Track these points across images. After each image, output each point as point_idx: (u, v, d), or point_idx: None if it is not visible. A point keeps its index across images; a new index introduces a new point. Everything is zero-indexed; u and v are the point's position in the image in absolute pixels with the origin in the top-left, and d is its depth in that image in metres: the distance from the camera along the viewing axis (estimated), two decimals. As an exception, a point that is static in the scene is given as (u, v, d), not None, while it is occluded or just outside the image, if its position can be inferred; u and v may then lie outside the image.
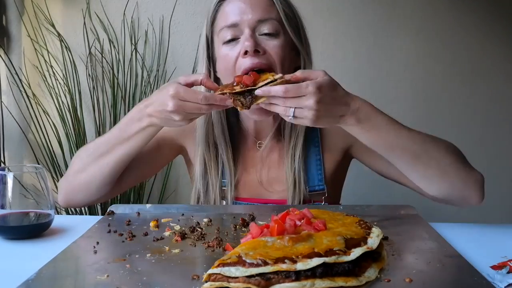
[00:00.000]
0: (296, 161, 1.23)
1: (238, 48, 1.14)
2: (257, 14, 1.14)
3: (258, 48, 1.12)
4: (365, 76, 2.43)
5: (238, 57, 1.13)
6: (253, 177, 1.27)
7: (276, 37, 1.15)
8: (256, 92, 0.98)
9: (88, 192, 1.18)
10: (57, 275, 0.79)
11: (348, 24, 2.40)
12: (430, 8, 2.41)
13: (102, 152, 1.14)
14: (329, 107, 0.97)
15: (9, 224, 1.01)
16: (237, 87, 1.00)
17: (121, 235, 0.99)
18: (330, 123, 1.01)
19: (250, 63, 1.11)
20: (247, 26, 1.13)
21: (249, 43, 1.11)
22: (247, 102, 1.00)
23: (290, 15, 1.19)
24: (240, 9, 1.14)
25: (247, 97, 1.00)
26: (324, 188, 1.26)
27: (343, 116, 1.00)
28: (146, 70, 2.35)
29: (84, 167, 1.16)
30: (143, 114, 1.07)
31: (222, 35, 1.16)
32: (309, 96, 0.94)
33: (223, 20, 1.17)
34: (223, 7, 1.18)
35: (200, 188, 1.25)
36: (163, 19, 2.35)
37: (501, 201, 2.52)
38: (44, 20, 2.32)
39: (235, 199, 1.25)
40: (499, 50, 2.44)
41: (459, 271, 0.82)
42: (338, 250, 0.76)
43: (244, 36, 1.13)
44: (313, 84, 0.95)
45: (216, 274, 0.73)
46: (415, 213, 1.15)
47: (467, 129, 2.40)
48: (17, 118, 2.34)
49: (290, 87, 0.95)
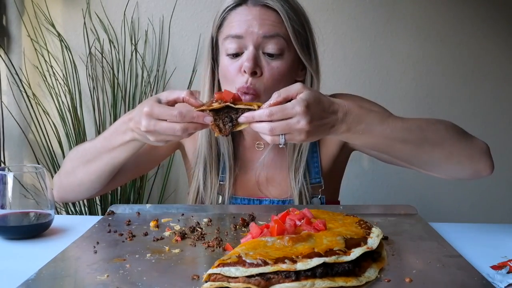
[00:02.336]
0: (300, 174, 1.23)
1: (239, 63, 1.13)
2: (263, 29, 1.12)
3: (256, 69, 1.12)
4: (365, 76, 2.43)
5: (238, 71, 1.13)
6: (251, 176, 1.27)
7: (279, 57, 1.13)
8: (239, 119, 0.92)
9: (79, 192, 1.22)
10: (57, 275, 0.79)
11: (348, 24, 2.40)
12: (430, 8, 2.41)
13: (88, 159, 1.15)
14: (320, 123, 0.92)
15: (9, 224, 1.01)
16: (216, 104, 0.93)
17: (121, 235, 0.99)
18: (321, 137, 0.97)
19: (244, 84, 1.11)
20: (251, 42, 1.12)
21: (248, 64, 1.11)
22: (226, 129, 0.93)
23: (300, 30, 1.16)
24: (247, 22, 1.12)
25: (227, 124, 0.93)
26: (321, 181, 1.26)
27: (333, 126, 0.95)
28: (146, 70, 2.35)
29: (73, 170, 1.18)
30: (127, 128, 1.04)
31: (227, 45, 1.15)
32: (299, 118, 0.88)
33: (229, 28, 1.15)
34: (231, 15, 1.16)
35: (200, 183, 1.26)
36: (163, 19, 2.35)
37: (501, 201, 2.52)
38: (44, 20, 2.32)
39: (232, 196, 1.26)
40: (499, 50, 2.44)
41: (459, 271, 0.82)
42: (338, 250, 0.76)
43: (246, 54, 1.12)
44: (300, 103, 0.89)
45: (216, 274, 0.73)
46: (415, 213, 1.15)
47: (467, 129, 2.39)
48: (17, 118, 2.34)
49: (275, 110, 0.89)
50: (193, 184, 1.28)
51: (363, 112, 0.97)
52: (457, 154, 1.08)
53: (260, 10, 1.13)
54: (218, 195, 1.25)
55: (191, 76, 2.36)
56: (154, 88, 2.34)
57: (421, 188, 2.40)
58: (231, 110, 0.93)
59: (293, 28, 1.14)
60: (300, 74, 1.22)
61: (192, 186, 1.28)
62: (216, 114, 0.93)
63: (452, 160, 1.08)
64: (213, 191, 1.25)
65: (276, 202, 1.25)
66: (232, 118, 0.93)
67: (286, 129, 0.89)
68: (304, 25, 1.18)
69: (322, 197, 1.25)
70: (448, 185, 2.43)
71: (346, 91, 1.36)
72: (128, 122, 1.03)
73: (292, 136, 0.91)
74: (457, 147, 1.08)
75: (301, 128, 0.89)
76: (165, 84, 2.37)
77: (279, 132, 0.89)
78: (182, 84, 2.37)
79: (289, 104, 0.89)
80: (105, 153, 1.11)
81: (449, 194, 2.46)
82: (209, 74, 1.22)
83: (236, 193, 1.27)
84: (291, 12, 1.14)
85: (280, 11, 1.13)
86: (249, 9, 1.13)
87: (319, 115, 0.91)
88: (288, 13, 1.14)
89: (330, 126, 0.94)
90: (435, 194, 2.44)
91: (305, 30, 1.18)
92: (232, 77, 1.14)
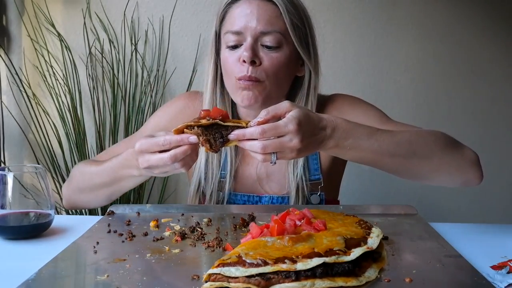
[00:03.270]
0: (298, 168, 1.24)
1: (238, 54, 1.16)
2: (261, 25, 1.14)
3: (255, 59, 1.14)
4: (365, 76, 2.43)
5: (237, 61, 1.16)
6: (251, 171, 1.29)
7: (277, 49, 1.16)
8: (229, 136, 0.91)
9: (88, 206, 1.31)
10: (57, 275, 0.79)
11: (348, 24, 2.40)
12: (430, 8, 2.41)
13: (96, 185, 1.17)
14: (311, 140, 0.92)
15: (9, 224, 1.01)
16: (204, 120, 0.92)
17: (121, 235, 0.99)
18: (311, 153, 0.97)
19: (245, 73, 1.14)
20: (249, 35, 1.15)
21: (247, 53, 1.14)
22: (217, 145, 0.92)
23: (298, 24, 1.18)
24: (246, 17, 1.15)
25: (218, 140, 0.92)
26: (320, 178, 1.27)
27: (322, 142, 0.95)
28: (146, 70, 2.35)
29: (81, 192, 1.21)
30: (132, 164, 1.03)
31: (227, 38, 1.18)
32: (291, 136, 0.88)
33: (229, 23, 1.18)
34: (232, 10, 1.19)
35: (202, 174, 1.26)
36: (163, 19, 2.35)
37: (501, 201, 2.52)
38: (44, 20, 2.32)
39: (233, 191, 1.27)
40: (499, 50, 2.44)
41: (459, 271, 0.82)
42: (338, 250, 0.76)
43: (245, 45, 1.15)
44: (293, 121, 0.88)
45: (216, 274, 0.73)
46: (415, 213, 1.15)
47: (467, 129, 2.40)
48: (17, 118, 2.34)
49: (267, 128, 0.88)
50: (195, 175, 1.28)
51: (350, 127, 0.97)
52: (446, 166, 1.08)
53: (259, 3, 1.16)
54: (219, 192, 1.26)
55: (191, 76, 2.36)
56: (154, 88, 2.34)
57: (421, 188, 2.40)
58: (221, 127, 0.92)
59: (291, 21, 1.16)
60: (301, 70, 1.24)
61: (194, 178, 1.29)
62: (206, 131, 0.92)
63: (440, 172, 1.09)
64: (213, 182, 1.26)
65: (276, 198, 1.26)
66: (222, 134, 0.92)
67: (279, 147, 0.89)
68: (303, 20, 1.20)
69: (321, 193, 1.26)
70: (448, 185, 2.43)
71: (346, 91, 1.36)
72: (131, 159, 1.03)
73: (283, 154, 0.91)
74: (446, 160, 1.08)
75: (294, 146, 0.89)
76: (165, 84, 2.37)
77: (271, 150, 0.89)
78: (182, 84, 2.37)
79: (281, 122, 0.89)
80: (113, 184, 1.14)
81: (449, 194, 2.46)
82: (212, 67, 1.25)
83: (236, 189, 1.28)
84: (291, 6, 1.17)
85: (279, 4, 1.15)
86: (249, 3, 1.16)
87: (310, 132, 0.92)
88: (287, 6, 1.16)
89: (319, 142, 0.94)
90: (435, 194, 2.44)
91: (304, 25, 1.20)
92: (232, 67, 1.17)
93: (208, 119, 0.92)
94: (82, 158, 2.28)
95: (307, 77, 1.23)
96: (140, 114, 2.33)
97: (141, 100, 2.33)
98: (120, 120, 2.33)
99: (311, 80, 1.23)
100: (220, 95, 1.25)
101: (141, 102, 2.33)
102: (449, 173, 1.09)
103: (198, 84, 2.36)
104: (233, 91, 1.19)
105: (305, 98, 1.24)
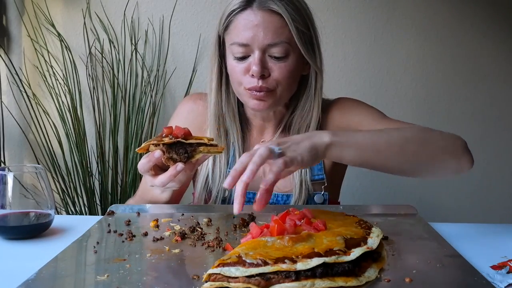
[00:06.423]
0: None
1: (245, 65, 1.17)
2: (268, 37, 1.15)
3: (264, 72, 1.16)
4: (365, 76, 2.43)
5: (245, 73, 1.17)
6: None
7: (284, 59, 1.17)
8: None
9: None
10: (57, 275, 0.79)
11: (348, 24, 2.40)
12: (430, 8, 2.41)
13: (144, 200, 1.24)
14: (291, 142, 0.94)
15: (9, 224, 1.01)
16: (166, 139, 0.98)
17: (121, 235, 0.99)
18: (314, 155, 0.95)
19: (255, 85, 1.16)
20: (257, 48, 1.15)
21: (256, 68, 1.15)
22: (181, 159, 0.99)
23: (304, 30, 1.18)
24: (253, 29, 1.15)
25: (182, 155, 0.99)
26: (324, 178, 1.27)
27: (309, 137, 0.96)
28: (146, 70, 2.35)
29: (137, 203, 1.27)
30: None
31: (233, 49, 1.18)
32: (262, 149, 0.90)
33: (235, 34, 1.17)
34: (237, 20, 1.17)
35: (209, 171, 1.28)
36: (163, 19, 2.35)
37: (501, 201, 2.52)
38: (44, 20, 2.32)
39: None
40: (499, 50, 2.45)
41: (459, 271, 0.82)
42: (338, 250, 0.76)
43: (254, 59, 1.16)
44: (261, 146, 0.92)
45: (216, 274, 0.73)
46: (415, 213, 1.15)
47: (467, 129, 2.40)
48: (17, 118, 2.34)
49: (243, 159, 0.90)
50: (203, 171, 1.29)
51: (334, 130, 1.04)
52: (438, 162, 1.08)
53: (264, 15, 1.15)
54: (225, 189, 1.26)
55: (191, 76, 2.36)
56: (154, 88, 2.35)
57: (421, 188, 2.41)
58: (184, 144, 1.00)
59: (297, 29, 1.16)
60: (305, 69, 1.25)
61: (201, 174, 1.30)
62: (170, 148, 1.00)
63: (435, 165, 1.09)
64: (221, 180, 1.27)
65: (280, 196, 1.26)
66: (187, 150, 1.00)
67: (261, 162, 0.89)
68: (308, 24, 1.20)
69: (325, 193, 1.26)
70: (448, 185, 2.43)
71: (346, 91, 1.36)
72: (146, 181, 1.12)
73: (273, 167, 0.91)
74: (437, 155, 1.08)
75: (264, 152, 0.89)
76: (165, 84, 2.37)
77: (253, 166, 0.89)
78: (182, 84, 2.37)
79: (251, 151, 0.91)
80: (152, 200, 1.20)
81: (449, 194, 2.46)
82: (216, 71, 1.25)
83: None
84: (295, 14, 1.16)
85: (284, 15, 1.15)
86: (254, 14, 1.15)
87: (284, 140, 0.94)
88: (291, 15, 1.15)
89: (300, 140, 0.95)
90: (435, 194, 2.44)
91: (309, 29, 1.20)
92: (240, 78, 1.18)
93: (171, 137, 0.99)
94: (82, 158, 2.28)
95: (313, 76, 1.24)
96: (140, 114, 2.33)
97: (141, 100, 2.33)
98: (120, 120, 2.33)
99: (317, 79, 1.24)
100: (226, 96, 1.26)
101: (141, 102, 2.33)
102: (440, 167, 1.09)
103: (198, 84, 2.36)
104: (242, 96, 1.22)
105: (313, 97, 1.25)
